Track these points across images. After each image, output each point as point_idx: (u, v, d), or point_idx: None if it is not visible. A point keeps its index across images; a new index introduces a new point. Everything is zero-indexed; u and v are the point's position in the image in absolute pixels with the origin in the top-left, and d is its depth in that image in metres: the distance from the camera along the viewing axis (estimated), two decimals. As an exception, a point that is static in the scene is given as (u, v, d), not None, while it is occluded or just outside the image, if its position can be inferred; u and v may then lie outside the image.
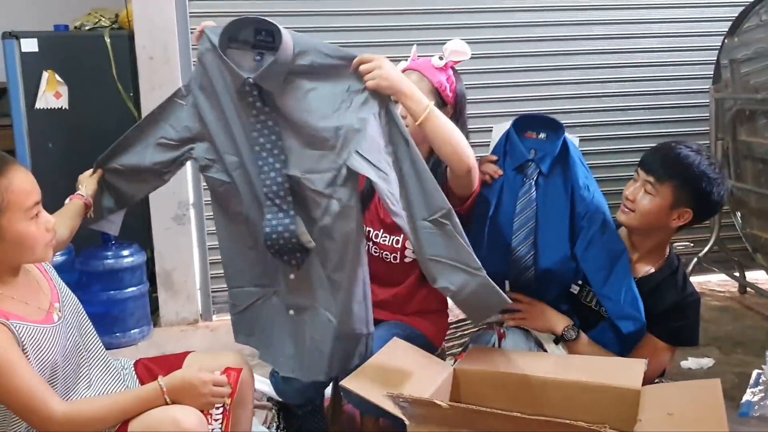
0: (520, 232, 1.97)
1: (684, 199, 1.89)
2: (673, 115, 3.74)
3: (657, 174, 1.90)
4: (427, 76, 1.97)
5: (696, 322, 1.96)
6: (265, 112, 1.76)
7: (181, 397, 1.55)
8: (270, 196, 1.78)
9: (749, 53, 3.35)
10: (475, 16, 3.51)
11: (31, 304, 1.56)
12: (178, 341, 3.22)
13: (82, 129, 3.34)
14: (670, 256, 2.02)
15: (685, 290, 1.96)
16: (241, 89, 1.74)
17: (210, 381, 1.58)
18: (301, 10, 3.37)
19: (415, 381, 1.67)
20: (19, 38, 3.27)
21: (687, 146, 1.93)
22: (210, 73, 1.81)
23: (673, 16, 3.69)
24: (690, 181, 1.88)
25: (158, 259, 3.37)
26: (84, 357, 1.66)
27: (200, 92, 1.84)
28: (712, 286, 3.75)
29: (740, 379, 2.53)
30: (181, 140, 1.88)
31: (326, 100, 1.76)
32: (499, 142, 2.10)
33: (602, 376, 1.66)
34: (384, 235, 2.07)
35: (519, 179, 2.02)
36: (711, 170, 1.88)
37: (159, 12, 3.21)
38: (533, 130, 2.07)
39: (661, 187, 1.90)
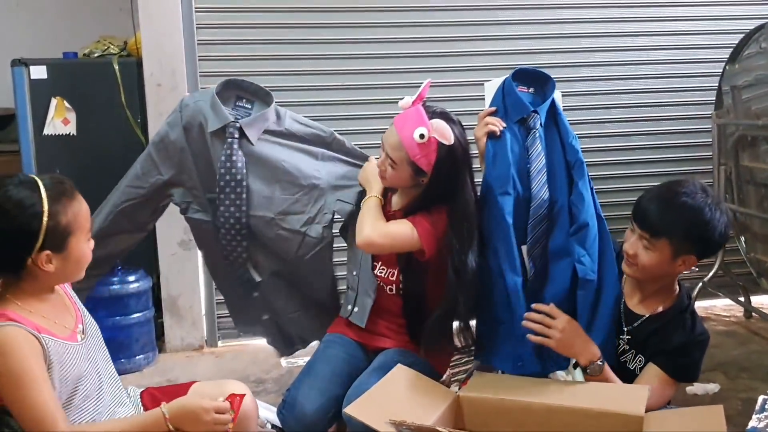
0: (538, 180, 2.00)
1: (684, 249, 1.85)
2: (675, 141, 3.76)
3: (651, 230, 1.85)
4: (405, 148, 1.97)
5: (700, 360, 1.92)
6: (237, 155, 2.05)
7: (184, 424, 1.57)
8: (227, 227, 2.09)
9: (750, 80, 3.38)
10: (475, 29, 3.54)
11: (59, 323, 1.62)
12: (184, 367, 3.22)
13: (90, 155, 3.38)
14: (680, 293, 1.97)
15: (694, 330, 1.91)
16: (220, 130, 2.05)
17: (212, 408, 1.59)
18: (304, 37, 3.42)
19: (419, 408, 1.68)
20: (29, 65, 3.31)
21: (678, 192, 1.85)
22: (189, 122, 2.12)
23: (675, 44, 3.72)
24: (686, 232, 1.83)
25: (164, 285, 3.38)
26: (103, 380, 1.69)
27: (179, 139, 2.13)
28: (717, 310, 3.74)
29: (746, 405, 2.52)
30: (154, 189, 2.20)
31: (303, 156, 2.16)
32: (496, 96, 2.14)
33: (605, 402, 1.66)
34: (381, 267, 2.13)
35: (522, 131, 2.05)
36: (707, 213, 1.81)
37: (167, 39, 3.26)
38: (524, 84, 2.12)
39: (657, 242, 1.84)
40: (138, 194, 2.13)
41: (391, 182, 2.06)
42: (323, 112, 3.40)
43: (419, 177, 2.01)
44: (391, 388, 1.75)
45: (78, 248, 1.58)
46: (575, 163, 2.03)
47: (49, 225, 1.52)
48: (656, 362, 1.89)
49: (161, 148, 2.10)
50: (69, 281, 1.66)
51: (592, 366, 1.83)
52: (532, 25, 3.59)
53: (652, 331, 1.91)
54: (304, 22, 3.41)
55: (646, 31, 3.69)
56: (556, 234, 2.01)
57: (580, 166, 2.03)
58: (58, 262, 1.55)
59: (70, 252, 1.57)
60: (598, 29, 3.65)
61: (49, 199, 1.53)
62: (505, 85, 2.11)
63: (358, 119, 3.43)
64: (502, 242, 1.98)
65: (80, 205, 1.59)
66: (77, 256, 1.59)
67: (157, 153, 2.10)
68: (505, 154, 2.02)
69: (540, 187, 2.00)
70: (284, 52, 3.39)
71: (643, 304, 1.97)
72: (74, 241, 1.57)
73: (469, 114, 3.35)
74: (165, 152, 2.08)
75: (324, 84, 3.45)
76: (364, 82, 3.47)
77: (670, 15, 3.70)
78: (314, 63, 3.43)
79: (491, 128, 2.05)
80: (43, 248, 1.52)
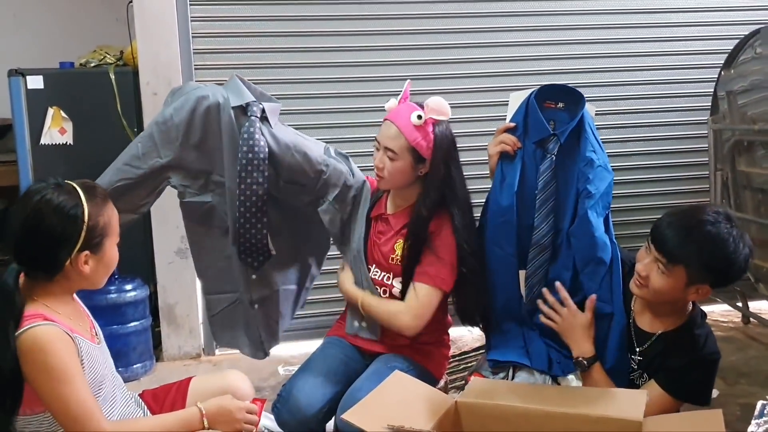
0: (542, 210, 1.97)
1: (700, 278, 1.78)
2: (672, 147, 3.77)
3: (669, 256, 1.77)
4: (404, 134, 1.99)
5: (710, 381, 1.86)
6: (259, 133, 2.02)
7: (218, 421, 1.69)
8: (247, 204, 2.02)
9: (745, 85, 3.40)
10: (468, 36, 3.55)
11: (82, 326, 1.66)
12: (181, 376, 3.13)
13: (87, 164, 3.32)
14: (693, 312, 1.91)
15: (703, 349, 1.85)
16: (241, 109, 2.04)
17: (244, 408, 1.73)
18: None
19: (417, 413, 1.67)
20: (25, 75, 3.32)
21: (702, 219, 1.76)
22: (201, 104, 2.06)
23: (670, 50, 3.74)
24: (706, 263, 1.75)
25: (161, 294, 3.38)
26: (115, 382, 1.73)
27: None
28: (716, 316, 3.73)
29: (744, 410, 2.51)
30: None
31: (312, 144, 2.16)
32: (518, 112, 2.07)
33: (604, 407, 1.66)
34: (375, 270, 2.13)
35: (539, 153, 2.00)
36: (730, 245, 1.73)
37: (163, 49, 3.27)
38: (552, 100, 2.04)
39: (673, 268, 1.77)
40: (135, 174, 2.05)
41: (390, 178, 2.05)
42: (319, 120, 3.42)
43: (419, 165, 2.02)
44: (388, 394, 1.75)
45: (111, 251, 1.65)
46: (582, 192, 1.94)
47: (89, 225, 1.57)
48: (656, 379, 1.87)
49: (164, 130, 2.03)
50: (95, 286, 1.68)
51: (578, 360, 1.92)
52: (527, 32, 3.60)
53: (662, 350, 1.89)
54: (302, 30, 3.42)
55: (641, 37, 3.71)
56: (558, 263, 2.01)
57: (587, 195, 1.93)
58: (93, 264, 1.60)
59: (104, 254, 1.62)
60: (593, 36, 3.67)
61: (87, 201, 1.58)
62: (529, 102, 2.03)
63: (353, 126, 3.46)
64: (500, 266, 2.04)
65: (112, 209, 1.66)
66: (109, 259, 1.65)
67: (159, 135, 2.03)
68: (513, 182, 1.99)
69: (544, 216, 1.98)
70: (280, 61, 3.40)
71: (654, 322, 1.93)
72: (109, 243, 1.63)
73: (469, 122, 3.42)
74: (167, 135, 2.02)
75: (320, 92, 3.46)
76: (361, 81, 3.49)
77: (665, 21, 3.72)
78: (312, 72, 3.44)
79: (504, 147, 2.02)
80: (83, 249, 1.57)
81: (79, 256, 1.57)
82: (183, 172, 2.08)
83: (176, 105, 2.04)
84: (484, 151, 2.13)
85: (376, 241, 2.15)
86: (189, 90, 2.07)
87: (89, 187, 1.62)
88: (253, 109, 2.04)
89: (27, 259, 1.57)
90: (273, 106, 2.11)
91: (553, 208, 1.97)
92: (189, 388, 1.89)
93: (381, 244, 2.13)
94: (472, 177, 2.19)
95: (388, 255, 2.10)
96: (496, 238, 2.03)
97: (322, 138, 2.32)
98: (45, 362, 1.49)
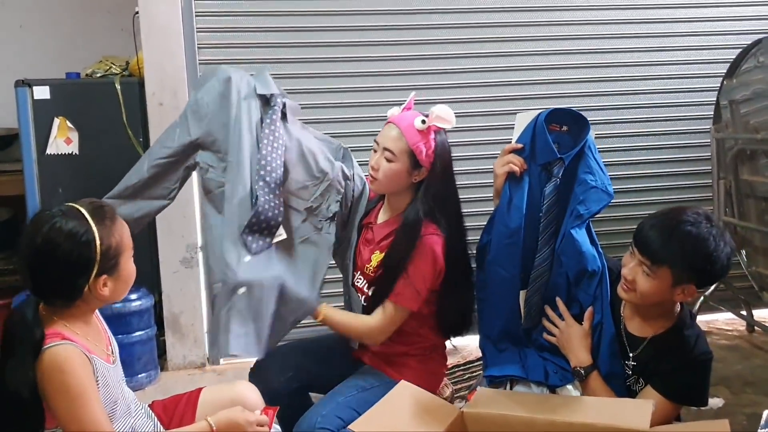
0: (545, 233, 1.98)
1: (685, 278, 1.80)
2: (674, 155, 3.78)
3: (653, 257, 1.79)
4: (406, 137, 2.00)
5: (705, 382, 1.88)
6: (280, 122, 2.05)
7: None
8: (267, 181, 1.98)
9: (748, 94, 3.41)
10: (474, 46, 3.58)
11: (99, 346, 1.66)
12: (186, 385, 3.19)
13: (92, 174, 3.39)
14: (682, 313, 1.93)
15: (695, 349, 1.86)
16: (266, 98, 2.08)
17: (254, 421, 1.72)
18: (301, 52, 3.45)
19: (423, 424, 1.68)
20: (32, 86, 3.34)
21: (682, 220, 1.80)
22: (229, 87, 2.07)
23: (673, 59, 3.75)
24: (689, 262, 1.78)
25: (166, 303, 3.38)
26: (127, 398, 1.73)
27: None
28: (720, 324, 3.73)
29: (751, 420, 2.51)
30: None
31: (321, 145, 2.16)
32: (525, 133, 2.04)
33: (610, 417, 1.66)
34: (359, 277, 2.14)
35: (543, 176, 2.00)
36: (711, 243, 1.76)
37: (169, 59, 3.29)
38: (557, 122, 2.04)
39: (658, 270, 1.79)
40: (167, 153, 2.08)
41: (383, 181, 2.04)
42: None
43: (415, 171, 2.02)
44: (395, 404, 1.75)
45: (127, 267, 1.64)
46: (573, 212, 1.96)
47: (102, 250, 1.55)
48: (652, 384, 1.88)
49: (195, 110, 2.08)
50: (116, 302, 1.69)
51: (575, 370, 1.94)
52: (529, 42, 3.62)
53: (654, 354, 1.89)
54: (308, 41, 3.44)
55: (643, 47, 3.72)
56: (551, 282, 2.02)
57: (577, 216, 1.96)
58: (111, 285, 1.60)
59: (120, 273, 1.62)
60: (596, 46, 3.68)
61: (97, 225, 1.56)
62: (537, 124, 2.01)
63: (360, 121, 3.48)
64: (503, 288, 2.03)
65: (122, 225, 1.64)
66: (127, 275, 1.64)
67: (191, 115, 2.08)
68: (521, 204, 1.97)
69: (546, 240, 1.99)
70: (287, 71, 3.41)
71: (644, 326, 1.94)
72: (123, 261, 1.62)
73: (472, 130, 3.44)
74: (197, 114, 2.06)
75: (325, 102, 3.47)
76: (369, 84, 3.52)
77: (667, 31, 3.73)
78: (317, 81, 3.46)
79: (512, 168, 1.99)
80: (100, 274, 1.57)
81: (97, 281, 1.57)
82: (209, 152, 2.08)
83: (207, 86, 2.09)
84: (485, 173, 2.13)
85: (361, 249, 2.16)
86: (219, 72, 2.11)
87: (96, 208, 1.60)
88: (276, 101, 2.07)
89: (43, 289, 1.57)
90: (294, 105, 2.15)
91: (554, 233, 1.98)
92: (199, 399, 1.88)
93: (363, 252, 2.14)
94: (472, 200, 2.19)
95: (365, 264, 2.11)
96: (501, 259, 2.01)
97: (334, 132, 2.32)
98: (62, 381, 1.49)
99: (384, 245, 2.07)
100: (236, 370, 3.34)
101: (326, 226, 2.12)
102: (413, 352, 2.14)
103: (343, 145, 2.27)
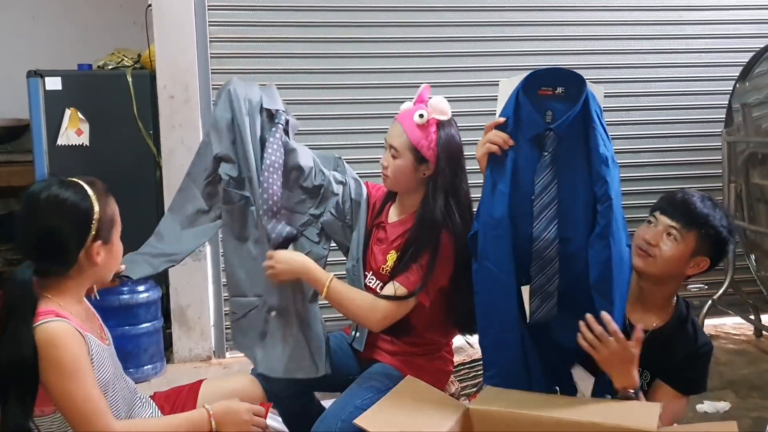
0: (542, 217, 1.75)
1: (705, 248, 1.86)
2: (685, 158, 3.77)
3: (683, 221, 1.85)
4: (406, 132, 1.98)
5: (706, 371, 1.93)
6: (284, 138, 2.09)
7: (225, 422, 1.68)
8: (266, 209, 2.01)
9: (760, 97, 3.39)
10: (480, 45, 3.58)
11: (93, 326, 1.67)
12: (191, 378, 3.16)
13: (102, 165, 3.39)
14: (678, 304, 1.97)
15: (697, 340, 1.91)
16: (270, 113, 2.10)
17: (252, 410, 1.73)
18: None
19: (430, 420, 1.67)
20: (44, 77, 3.35)
21: (703, 197, 1.91)
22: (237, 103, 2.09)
23: (685, 62, 3.74)
24: (713, 231, 1.85)
25: (173, 296, 3.39)
26: (124, 384, 1.73)
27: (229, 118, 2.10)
28: (727, 329, 3.72)
29: (757, 424, 2.50)
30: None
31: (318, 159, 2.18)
32: (509, 104, 1.79)
33: (617, 417, 1.65)
34: (371, 278, 2.13)
35: (536, 152, 1.75)
36: (728, 223, 1.88)
37: (181, 53, 3.29)
38: (548, 86, 1.77)
39: (687, 234, 1.85)
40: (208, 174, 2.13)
41: (393, 178, 2.03)
42: (335, 125, 3.44)
43: (421, 166, 1.99)
44: (401, 400, 1.74)
45: (118, 242, 1.67)
46: (602, 198, 1.72)
47: (100, 215, 1.60)
48: (664, 379, 1.88)
49: (214, 125, 2.12)
50: (104, 280, 1.71)
51: (623, 393, 1.77)
52: (539, 41, 3.62)
53: (656, 346, 1.89)
54: (319, 36, 3.45)
55: (655, 49, 3.71)
56: (572, 279, 1.78)
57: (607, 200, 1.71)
58: (104, 254, 1.62)
59: (113, 244, 1.65)
60: (607, 47, 3.67)
61: (94, 193, 1.61)
62: (518, 96, 1.77)
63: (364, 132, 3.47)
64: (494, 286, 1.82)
65: (113, 202, 1.68)
66: (117, 251, 1.67)
67: (213, 132, 2.11)
68: (505, 189, 1.76)
69: (545, 225, 1.75)
70: (298, 66, 3.42)
71: (645, 317, 1.93)
72: (115, 234, 1.66)
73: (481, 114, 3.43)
74: (217, 131, 2.10)
75: (336, 98, 3.47)
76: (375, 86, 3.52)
77: (679, 33, 3.72)
78: (330, 77, 3.46)
79: (490, 148, 1.79)
80: (96, 239, 1.60)
81: (92, 247, 1.59)
82: (231, 163, 2.11)
83: (220, 101, 2.12)
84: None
85: (373, 249, 2.15)
86: (229, 86, 2.12)
87: (90, 181, 1.64)
88: (281, 117, 2.11)
89: (41, 255, 1.58)
90: (294, 122, 2.19)
91: (556, 214, 1.74)
92: (200, 390, 1.90)
93: (377, 253, 2.13)
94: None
95: (380, 265, 2.10)
96: (489, 253, 1.80)
97: (337, 143, 2.33)
98: (57, 357, 1.49)
99: (398, 245, 2.06)
100: (242, 363, 3.34)
101: (323, 240, 2.17)
102: (420, 352, 2.13)
103: (336, 155, 2.27)
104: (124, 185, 2.46)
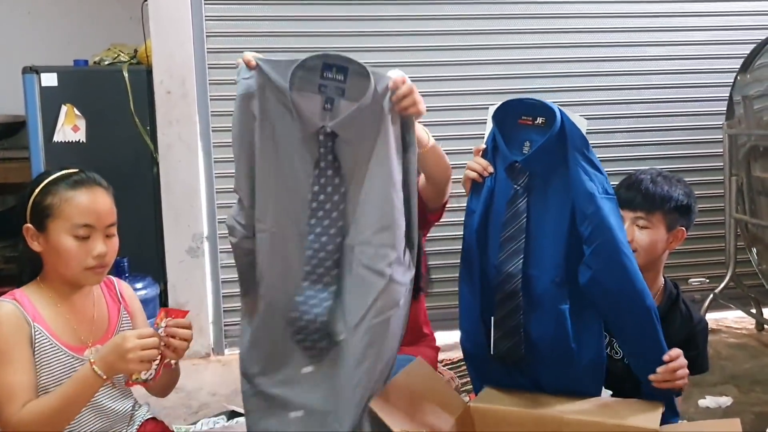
0: (507, 250, 1.70)
1: (675, 220, 1.94)
2: (686, 151, 3.75)
3: (644, 207, 1.92)
4: None
5: (706, 348, 1.97)
6: (334, 168, 1.56)
7: (112, 365, 1.49)
8: (314, 264, 1.56)
9: (762, 90, 3.36)
10: (477, 53, 3.54)
11: (77, 329, 1.64)
12: (190, 375, 3.20)
13: (99, 162, 3.34)
14: (666, 285, 2.00)
15: (692, 319, 1.95)
16: (311, 138, 1.56)
17: (135, 334, 1.50)
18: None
19: (436, 413, 1.66)
20: (39, 73, 3.33)
21: (647, 173, 1.97)
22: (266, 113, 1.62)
23: (685, 54, 3.71)
24: (675, 203, 1.93)
25: (171, 292, 3.37)
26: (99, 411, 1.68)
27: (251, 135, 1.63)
28: (729, 322, 3.70)
29: (759, 419, 2.49)
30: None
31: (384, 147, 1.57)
32: (491, 130, 1.77)
33: (619, 416, 1.64)
34: None
35: (509, 183, 1.72)
36: (682, 186, 1.95)
37: (177, 48, 3.27)
38: (529, 115, 1.71)
39: (653, 217, 1.92)
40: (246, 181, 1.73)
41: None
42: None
43: None
44: (411, 383, 1.70)
45: (57, 235, 1.60)
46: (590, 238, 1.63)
47: (35, 199, 1.61)
48: None
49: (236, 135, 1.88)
50: (64, 275, 1.63)
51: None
52: (543, 34, 3.59)
53: None
54: (316, 31, 3.42)
55: (656, 41, 3.68)
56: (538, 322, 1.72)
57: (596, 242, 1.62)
58: (42, 243, 1.61)
59: (49, 235, 1.60)
60: (608, 39, 3.64)
61: (53, 180, 1.63)
62: (493, 126, 1.74)
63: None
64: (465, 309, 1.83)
65: (75, 195, 1.61)
66: (55, 244, 1.60)
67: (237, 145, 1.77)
68: (476, 218, 1.74)
69: (508, 258, 1.69)
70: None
71: None
72: (53, 225, 1.60)
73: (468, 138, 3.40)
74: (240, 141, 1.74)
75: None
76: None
77: (680, 25, 3.69)
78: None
79: (468, 174, 1.76)
80: (30, 221, 1.62)
81: (27, 228, 1.62)
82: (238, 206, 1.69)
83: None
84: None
85: None
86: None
87: (74, 173, 1.66)
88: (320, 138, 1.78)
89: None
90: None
91: (522, 248, 1.67)
92: None
93: None
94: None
95: None
96: (463, 273, 1.80)
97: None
98: None
99: None
100: (241, 360, 3.33)
101: None
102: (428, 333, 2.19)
103: None
104: (121, 181, 2.41)
